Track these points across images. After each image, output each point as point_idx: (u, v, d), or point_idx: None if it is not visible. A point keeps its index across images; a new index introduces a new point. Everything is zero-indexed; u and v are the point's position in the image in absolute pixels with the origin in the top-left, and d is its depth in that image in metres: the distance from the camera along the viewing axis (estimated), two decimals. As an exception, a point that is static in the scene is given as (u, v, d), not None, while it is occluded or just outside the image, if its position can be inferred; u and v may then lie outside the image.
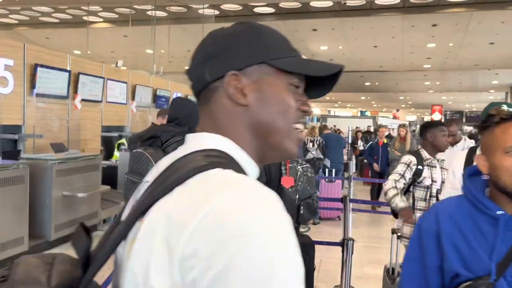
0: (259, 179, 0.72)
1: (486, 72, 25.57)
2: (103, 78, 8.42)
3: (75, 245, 0.67)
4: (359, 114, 41.02)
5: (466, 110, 36.02)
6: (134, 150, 2.59)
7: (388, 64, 23.46)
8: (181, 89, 11.81)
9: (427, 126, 3.17)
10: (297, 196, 2.41)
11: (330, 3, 15.80)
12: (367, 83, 30.74)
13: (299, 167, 2.51)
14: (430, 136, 3.12)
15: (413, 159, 3.08)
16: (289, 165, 2.46)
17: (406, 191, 3.14)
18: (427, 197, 3.06)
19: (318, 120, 24.27)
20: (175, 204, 0.60)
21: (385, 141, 6.26)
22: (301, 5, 16.11)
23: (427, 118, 46.54)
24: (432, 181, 3.06)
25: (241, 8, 16.79)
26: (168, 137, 2.60)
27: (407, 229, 3.00)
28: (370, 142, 6.80)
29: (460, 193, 2.28)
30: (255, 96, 0.75)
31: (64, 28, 18.30)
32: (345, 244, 3.53)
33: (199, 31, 17.65)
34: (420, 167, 3.05)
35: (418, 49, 19.64)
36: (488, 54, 20.17)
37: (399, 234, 3.08)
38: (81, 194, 4.97)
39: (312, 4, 15.98)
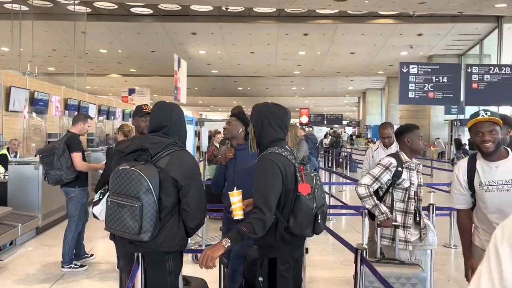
0: None
1: (344, 79, 28.52)
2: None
3: None
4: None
5: (326, 113, 39.64)
6: (119, 168, 2.16)
7: (263, 70, 24.52)
8: (60, 91, 10.56)
9: (404, 131, 3.24)
10: (315, 205, 2.25)
11: (210, 8, 15.88)
12: (240, 88, 31.67)
13: (312, 174, 2.34)
14: (408, 140, 3.18)
15: (393, 161, 3.13)
16: (304, 171, 2.30)
17: (385, 192, 3.20)
18: (406, 199, 3.13)
19: (196, 124, 24.11)
20: None
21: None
22: (181, 8, 15.87)
23: (292, 121, 49.87)
24: (410, 183, 3.12)
25: (116, 7, 15.81)
26: (158, 149, 2.22)
27: (387, 231, 3.13)
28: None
29: (467, 197, 2.47)
30: None
31: None
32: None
33: (68, 29, 16.09)
34: (399, 169, 3.10)
35: (291, 56, 20.94)
36: (348, 63, 22.51)
37: (380, 235, 3.18)
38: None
39: (193, 7, 15.86)
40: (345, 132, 34.79)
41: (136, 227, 2.08)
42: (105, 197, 3.86)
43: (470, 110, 19.13)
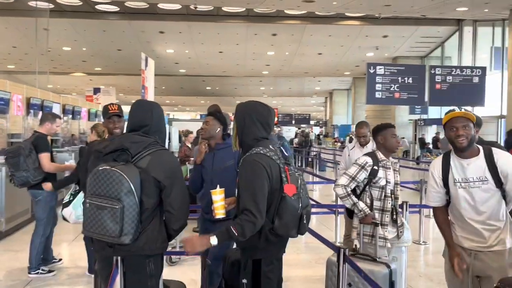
0: None
1: (311, 79, 28.84)
2: None
3: None
4: (198, 117, 41.77)
5: (293, 113, 40.03)
6: (99, 168, 2.06)
7: (231, 70, 24.44)
8: (22, 90, 10.13)
9: (378, 129, 3.29)
10: (300, 205, 2.24)
11: (179, 6, 15.68)
12: (208, 88, 31.45)
13: (297, 174, 2.33)
14: (381, 139, 3.24)
15: (369, 160, 3.17)
16: (289, 172, 2.27)
17: (362, 190, 3.22)
18: (382, 197, 3.17)
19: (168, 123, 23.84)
20: None
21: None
22: (148, 5, 15.59)
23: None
24: (387, 181, 3.16)
25: (80, 3, 15.35)
26: (139, 149, 2.14)
27: (367, 228, 3.17)
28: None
29: (442, 195, 2.52)
30: None
31: None
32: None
33: (29, 26, 15.47)
34: (375, 167, 3.15)
35: (259, 56, 20.97)
36: (316, 63, 22.77)
37: (358, 232, 3.22)
38: None
39: (160, 6, 15.62)
40: (312, 131, 35.21)
41: (117, 230, 2.01)
42: (76, 199, 3.75)
43: (433, 110, 19.78)
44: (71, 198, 3.69)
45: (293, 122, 35.81)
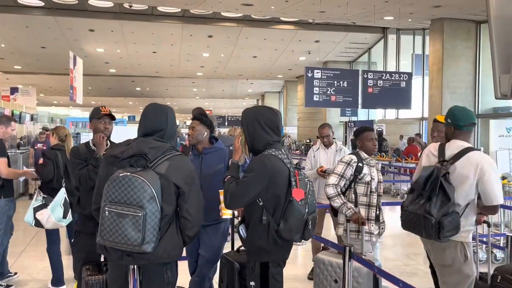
0: None
1: (244, 81, 29.10)
2: None
3: None
4: (126, 119, 40.28)
5: (226, 115, 40.11)
6: (120, 174, 1.99)
7: (165, 70, 23.89)
8: None
9: (357, 133, 3.53)
10: (307, 210, 2.30)
11: (111, 4, 15.02)
12: (138, 88, 30.46)
13: (306, 179, 2.40)
14: (359, 143, 3.47)
15: (354, 158, 3.36)
16: (299, 176, 2.32)
17: (347, 187, 3.37)
18: (368, 193, 3.33)
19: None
20: None
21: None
22: (77, 1, 14.78)
23: (189, 123, 49.35)
24: (371, 178, 3.34)
25: (1, -4, 14.16)
26: (157, 154, 2.10)
27: (353, 224, 3.30)
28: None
29: None
30: None
31: None
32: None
33: None
34: (360, 164, 3.34)
35: (194, 57, 20.75)
36: (251, 66, 23.03)
37: (344, 229, 3.34)
38: None
39: (91, 2, 14.87)
40: (244, 133, 35.47)
41: (139, 238, 1.93)
42: (53, 202, 3.51)
43: (362, 112, 20.91)
44: (43, 202, 3.46)
45: (226, 124, 35.93)
